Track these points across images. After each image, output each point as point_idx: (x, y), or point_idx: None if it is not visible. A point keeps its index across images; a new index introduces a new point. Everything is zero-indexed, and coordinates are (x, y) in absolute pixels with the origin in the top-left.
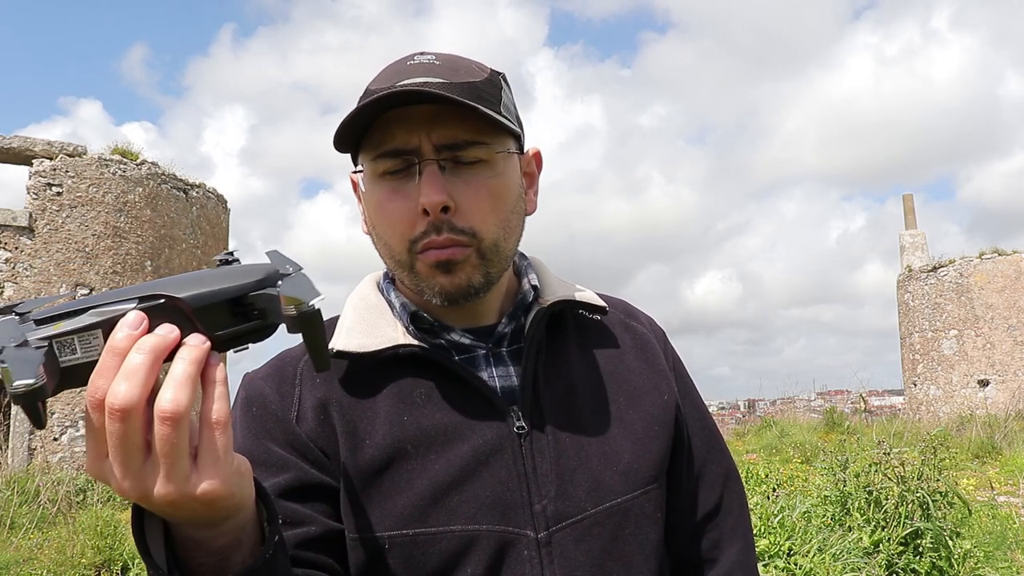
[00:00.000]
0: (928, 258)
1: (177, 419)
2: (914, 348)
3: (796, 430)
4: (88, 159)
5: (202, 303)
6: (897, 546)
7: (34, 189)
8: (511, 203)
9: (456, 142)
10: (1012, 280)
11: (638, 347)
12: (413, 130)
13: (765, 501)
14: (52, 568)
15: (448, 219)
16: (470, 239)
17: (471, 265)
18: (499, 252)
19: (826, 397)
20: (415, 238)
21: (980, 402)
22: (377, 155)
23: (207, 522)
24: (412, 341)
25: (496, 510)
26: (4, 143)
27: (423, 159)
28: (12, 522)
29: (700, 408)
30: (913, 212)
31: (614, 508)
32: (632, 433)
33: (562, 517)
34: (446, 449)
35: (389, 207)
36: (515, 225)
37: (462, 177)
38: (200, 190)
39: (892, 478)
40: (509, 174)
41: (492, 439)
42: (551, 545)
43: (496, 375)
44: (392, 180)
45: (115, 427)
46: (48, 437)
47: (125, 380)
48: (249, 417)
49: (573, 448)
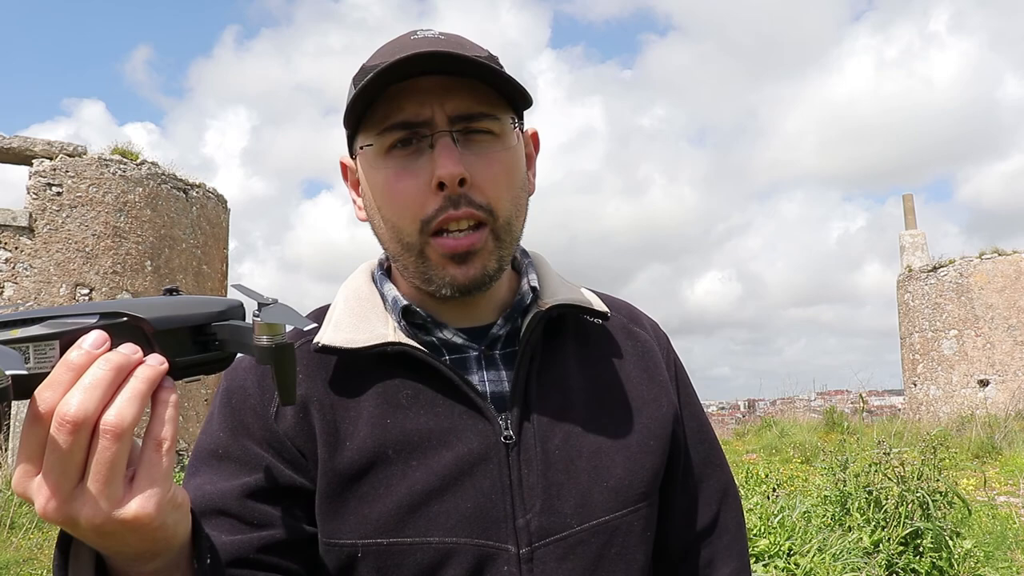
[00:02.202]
0: (928, 258)
1: (120, 433)
2: (914, 348)
3: (796, 430)
4: (88, 159)
5: (165, 326)
6: (897, 546)
7: (34, 189)
8: (521, 179)
9: (471, 113)
10: (1012, 280)
11: (639, 355)
12: (425, 101)
13: (765, 501)
14: (52, 568)
15: (465, 193)
16: (487, 215)
17: (487, 251)
18: (511, 232)
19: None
20: (428, 217)
21: (980, 402)
22: (383, 128)
23: (136, 555)
24: (402, 339)
25: (477, 523)
26: (4, 143)
27: (436, 131)
28: (12, 522)
29: (700, 420)
30: (913, 212)
31: (601, 526)
32: (626, 447)
33: (546, 533)
34: (428, 456)
35: (398, 186)
36: (523, 204)
37: (474, 151)
38: (200, 190)
39: (892, 478)
40: (518, 149)
41: (477, 447)
42: (532, 562)
43: (487, 379)
44: (401, 157)
45: (62, 439)
46: None
47: (82, 392)
48: (228, 409)
49: (562, 461)
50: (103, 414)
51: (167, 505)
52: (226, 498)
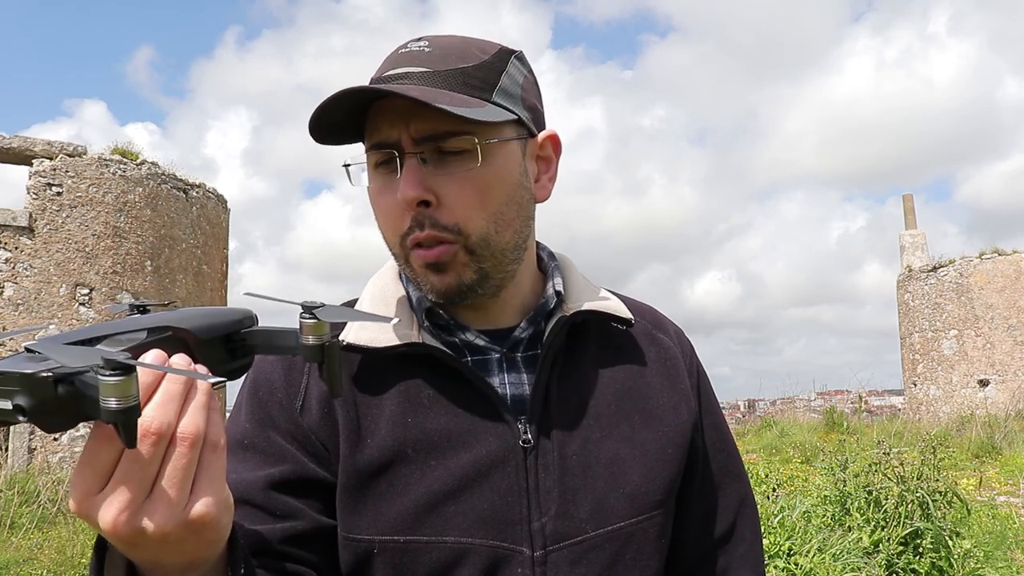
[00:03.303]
0: (928, 258)
1: (195, 442)
2: (914, 348)
3: (796, 430)
4: (88, 159)
5: (206, 336)
6: (897, 546)
7: (34, 189)
8: (505, 194)
9: (436, 133)
10: (1012, 280)
11: (661, 362)
12: (393, 123)
13: (765, 501)
14: (52, 568)
15: (431, 214)
16: (455, 236)
17: (460, 263)
18: (491, 247)
19: (826, 397)
20: (404, 233)
21: (980, 402)
22: (368, 147)
23: (186, 564)
24: (426, 339)
25: (492, 524)
26: (4, 143)
27: (404, 152)
28: (12, 522)
29: (721, 429)
30: (913, 212)
31: (616, 532)
32: (644, 454)
33: (560, 537)
34: (447, 456)
35: (380, 201)
36: (511, 217)
37: (446, 169)
38: (200, 190)
39: (892, 478)
40: (501, 163)
41: (496, 450)
42: (546, 565)
43: (508, 382)
44: (383, 174)
45: (145, 452)
46: (48, 437)
47: (160, 406)
48: (255, 401)
49: (579, 466)
50: (177, 425)
51: (224, 502)
52: (251, 488)
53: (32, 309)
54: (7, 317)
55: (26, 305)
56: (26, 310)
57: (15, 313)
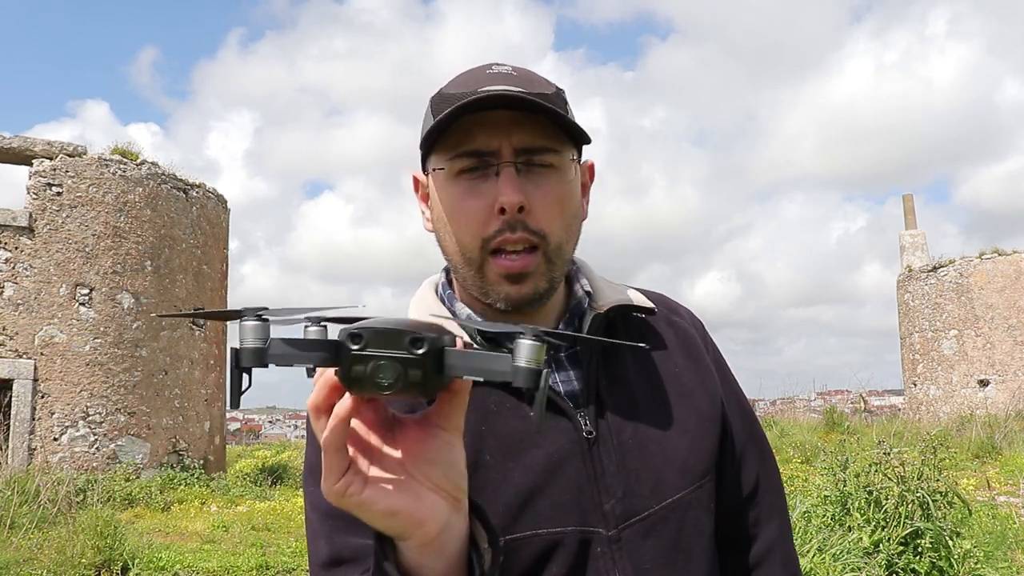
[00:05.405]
0: (928, 258)
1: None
2: (914, 348)
3: (796, 430)
4: (88, 159)
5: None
6: (897, 546)
7: (34, 189)
8: (574, 208)
9: (534, 146)
10: (1012, 280)
11: (682, 343)
12: (494, 134)
13: None
14: (52, 568)
15: (523, 219)
16: (540, 240)
17: (539, 273)
18: (562, 255)
19: (826, 397)
20: (488, 236)
21: (980, 402)
22: (456, 155)
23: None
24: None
25: (576, 511)
26: (4, 143)
27: (502, 161)
28: (12, 522)
29: (738, 394)
30: (913, 212)
31: (676, 503)
32: (687, 431)
33: (630, 515)
34: (523, 456)
35: (465, 205)
36: (576, 230)
37: (534, 181)
38: (200, 190)
39: (892, 478)
40: (573, 180)
41: (564, 444)
42: (620, 542)
43: (559, 380)
44: (468, 179)
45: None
46: (48, 437)
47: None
48: None
49: (635, 449)
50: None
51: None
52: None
53: (32, 309)
54: (7, 317)
55: (26, 305)
56: (26, 310)
57: (15, 313)
